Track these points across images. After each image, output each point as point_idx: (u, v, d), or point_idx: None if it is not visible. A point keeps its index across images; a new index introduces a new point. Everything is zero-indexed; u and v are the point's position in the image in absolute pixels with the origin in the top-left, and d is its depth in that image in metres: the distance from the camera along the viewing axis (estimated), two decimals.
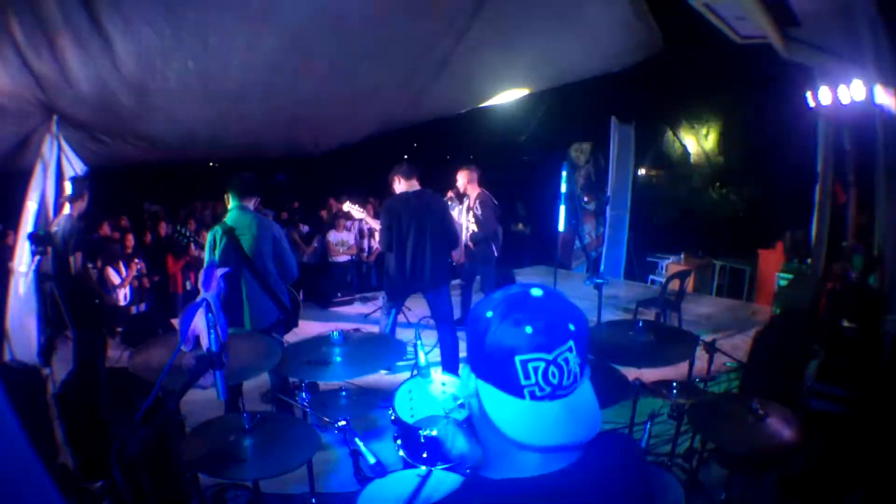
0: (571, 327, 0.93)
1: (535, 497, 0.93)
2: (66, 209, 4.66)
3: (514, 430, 0.92)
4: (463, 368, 1.02)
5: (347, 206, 5.96)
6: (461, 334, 4.78)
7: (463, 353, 4.77)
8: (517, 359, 0.91)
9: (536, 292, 0.97)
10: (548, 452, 0.94)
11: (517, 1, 5.08)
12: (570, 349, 0.92)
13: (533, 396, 0.91)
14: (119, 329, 5.88)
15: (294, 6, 4.39)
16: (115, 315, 6.42)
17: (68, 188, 4.62)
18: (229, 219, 3.95)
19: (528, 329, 0.91)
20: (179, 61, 4.66)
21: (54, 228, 4.61)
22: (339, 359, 2.64)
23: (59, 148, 4.96)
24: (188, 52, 4.59)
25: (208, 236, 3.99)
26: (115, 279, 6.73)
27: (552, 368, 0.91)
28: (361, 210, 5.88)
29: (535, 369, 0.91)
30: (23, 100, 4.57)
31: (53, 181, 4.96)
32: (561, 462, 0.95)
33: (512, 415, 0.92)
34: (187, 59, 4.66)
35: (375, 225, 5.23)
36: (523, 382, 0.91)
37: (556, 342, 0.91)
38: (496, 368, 0.93)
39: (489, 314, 0.95)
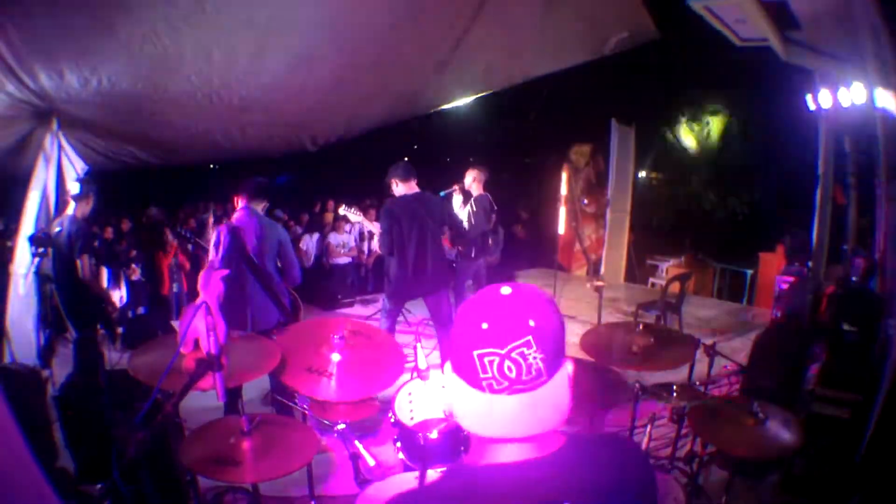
0: (531, 323, 0.95)
1: (513, 482, 0.97)
2: (70, 209, 4.62)
3: (467, 421, 1.00)
4: (447, 364, 1.06)
5: (343, 211, 5.94)
6: None
7: None
8: (475, 353, 0.95)
9: (505, 290, 1.01)
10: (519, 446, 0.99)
11: None
12: (526, 344, 0.94)
13: (491, 389, 0.96)
14: (119, 331, 5.87)
15: (298, 23, 4.40)
16: (116, 318, 6.41)
17: (75, 188, 4.58)
18: (236, 219, 3.96)
19: (484, 325, 0.96)
20: (182, 75, 4.67)
21: (56, 228, 4.57)
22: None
23: (60, 147, 4.96)
24: (191, 67, 4.61)
25: (213, 236, 4.00)
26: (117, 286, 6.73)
27: (507, 363, 0.94)
28: (358, 214, 5.85)
29: (491, 363, 0.94)
30: (21, 106, 4.58)
31: (54, 180, 4.95)
32: (538, 451, 0.99)
33: (470, 407, 0.99)
34: (190, 73, 4.68)
35: (374, 228, 5.22)
36: (481, 375, 0.95)
37: (510, 337, 0.94)
38: (461, 362, 0.98)
39: (461, 311, 1.02)
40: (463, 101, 7.96)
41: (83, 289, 4.59)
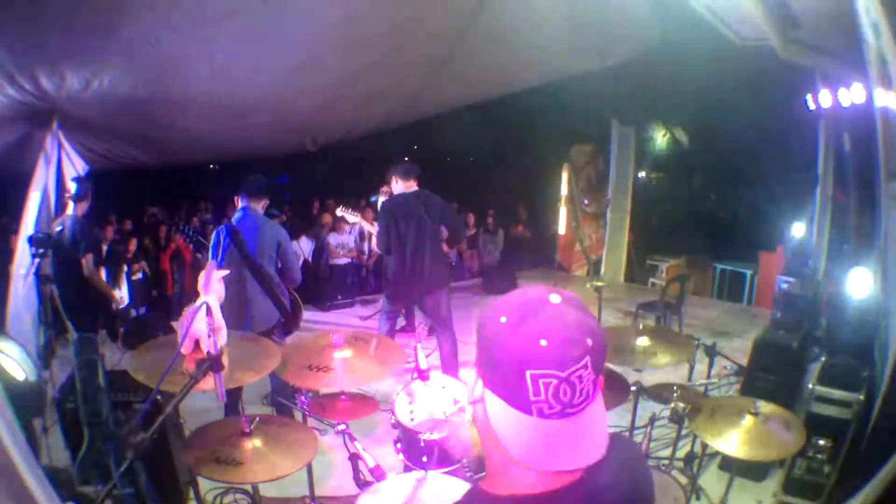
0: (589, 342, 0.86)
1: None
2: (70, 209, 4.61)
3: (517, 450, 0.87)
4: (471, 373, 0.96)
5: (340, 212, 5.92)
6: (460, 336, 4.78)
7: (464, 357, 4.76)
8: (528, 373, 0.84)
9: (555, 299, 0.90)
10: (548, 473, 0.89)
11: None
12: (584, 366, 0.85)
13: (541, 414, 0.85)
14: (121, 330, 5.87)
15: (299, 26, 4.40)
16: (118, 317, 6.41)
17: (72, 188, 4.58)
18: (236, 219, 3.97)
19: (543, 342, 0.84)
20: (183, 78, 4.67)
21: (58, 228, 4.56)
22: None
23: (60, 147, 4.96)
24: (192, 70, 4.60)
25: (213, 236, 4.01)
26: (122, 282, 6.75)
27: (564, 386, 0.84)
28: (356, 214, 5.83)
29: (546, 385, 0.84)
30: (21, 107, 4.58)
31: (55, 180, 4.95)
32: (566, 478, 0.90)
33: (517, 431, 0.87)
34: (191, 76, 4.68)
35: (372, 229, 5.20)
36: (532, 398, 0.84)
37: (572, 359, 0.84)
38: (506, 380, 0.87)
39: (503, 319, 0.89)
40: (464, 104, 7.96)
41: (87, 287, 4.58)
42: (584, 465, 0.88)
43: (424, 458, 2.40)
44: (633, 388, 2.83)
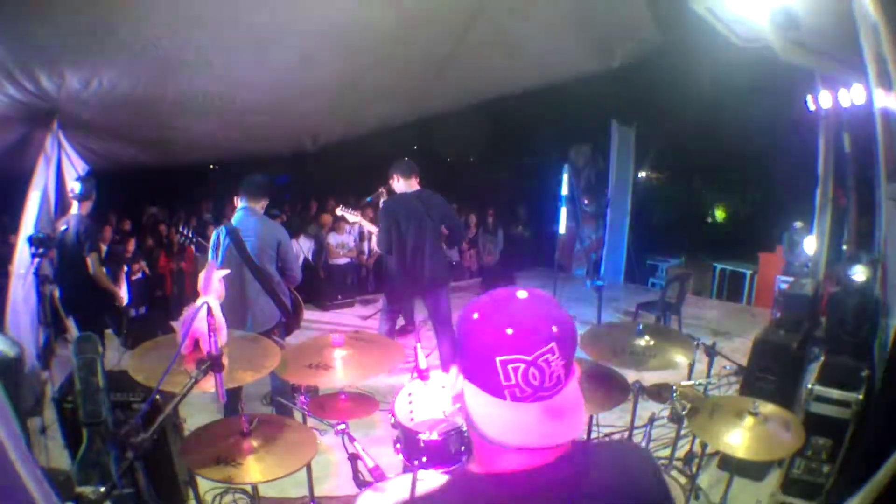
0: (554, 329, 0.93)
1: (517, 491, 0.95)
2: (75, 208, 4.61)
3: (493, 430, 0.94)
4: (452, 368, 1.03)
5: (340, 211, 5.92)
6: None
7: None
8: (497, 359, 0.92)
9: (522, 294, 0.99)
10: (527, 453, 0.96)
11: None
12: (551, 351, 0.92)
13: (513, 397, 0.93)
14: (123, 330, 5.86)
15: (300, 29, 4.39)
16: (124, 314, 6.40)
17: (77, 187, 4.58)
18: (235, 219, 3.97)
19: (509, 330, 0.92)
20: (183, 78, 4.67)
21: (62, 227, 4.56)
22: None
23: (60, 146, 4.96)
24: (192, 70, 4.60)
25: (212, 236, 4.01)
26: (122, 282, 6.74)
27: (532, 370, 0.91)
28: (356, 214, 5.82)
29: (515, 370, 0.91)
30: (21, 107, 4.58)
31: (55, 180, 4.95)
32: (546, 458, 0.96)
33: (492, 415, 0.94)
34: (191, 76, 4.68)
35: (372, 228, 5.20)
36: (504, 383, 0.92)
37: (537, 344, 0.92)
38: (479, 369, 0.95)
39: (475, 315, 0.98)
40: (465, 105, 7.95)
41: (92, 286, 4.58)
42: (555, 443, 0.95)
43: (424, 458, 2.40)
44: (632, 388, 2.83)
